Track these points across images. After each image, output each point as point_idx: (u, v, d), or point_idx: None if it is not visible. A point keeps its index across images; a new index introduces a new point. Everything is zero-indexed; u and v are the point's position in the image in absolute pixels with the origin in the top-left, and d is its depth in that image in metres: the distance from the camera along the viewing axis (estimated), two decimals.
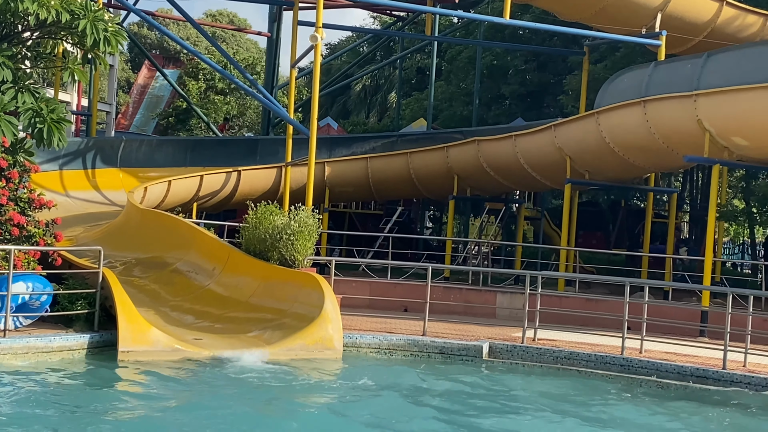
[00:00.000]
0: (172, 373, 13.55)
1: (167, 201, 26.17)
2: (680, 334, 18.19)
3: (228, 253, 18.44)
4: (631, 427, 11.93)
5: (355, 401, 12.31)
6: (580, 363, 16.03)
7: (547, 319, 18.02)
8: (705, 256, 20.88)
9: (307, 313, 16.11)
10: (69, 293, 15.19)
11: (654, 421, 12.40)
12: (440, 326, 18.23)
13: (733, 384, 14.69)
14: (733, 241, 57.05)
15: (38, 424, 10.23)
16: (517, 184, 29.09)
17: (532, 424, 11.76)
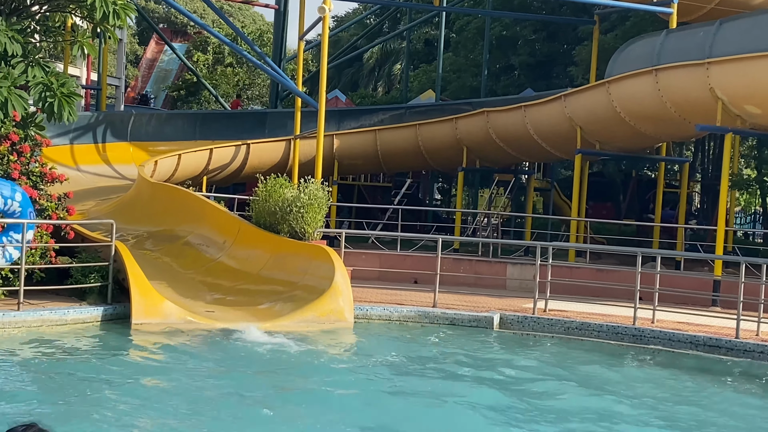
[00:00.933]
0: (184, 345, 13.61)
1: (177, 174, 26.20)
2: (692, 303, 18.18)
3: (238, 226, 18.46)
4: (642, 397, 11.92)
5: (366, 373, 12.33)
6: (592, 333, 16.05)
7: (558, 290, 18.02)
8: (717, 226, 20.82)
9: (318, 285, 16.15)
10: (82, 266, 15.23)
11: (666, 390, 12.40)
12: (451, 298, 18.25)
13: (746, 353, 14.69)
14: (745, 210, 56.90)
15: (54, 394, 10.29)
16: (526, 155, 29.02)
17: (545, 394, 11.76)
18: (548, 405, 11.11)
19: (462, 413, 10.55)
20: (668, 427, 10.32)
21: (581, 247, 23.71)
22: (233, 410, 9.98)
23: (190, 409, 9.89)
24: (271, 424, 9.52)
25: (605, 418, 10.61)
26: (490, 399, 11.29)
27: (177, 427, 9.18)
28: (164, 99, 47.10)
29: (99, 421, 9.24)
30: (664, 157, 28.40)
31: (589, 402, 11.30)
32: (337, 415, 10.18)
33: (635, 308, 16.14)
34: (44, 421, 3.35)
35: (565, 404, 11.17)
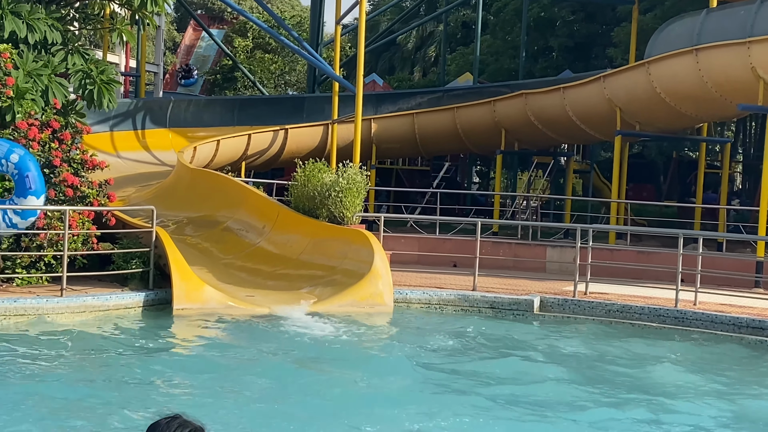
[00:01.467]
0: (225, 330, 13.70)
1: (216, 160, 26.34)
2: (735, 285, 17.98)
3: (277, 211, 18.53)
4: (685, 379, 11.84)
5: (407, 356, 12.33)
6: (633, 316, 15.93)
7: (598, 273, 17.89)
8: (759, 206, 20.56)
9: (357, 270, 16.16)
10: (123, 252, 15.37)
11: (708, 373, 12.30)
12: (490, 281, 18.20)
13: None
14: None
15: (97, 380, 10.40)
16: (565, 137, 28.83)
17: (586, 377, 11.72)
18: (598, 387, 11.06)
19: (506, 398, 10.54)
20: (723, 412, 10.23)
21: (622, 229, 23.55)
22: (275, 397, 10.03)
23: (233, 396, 9.95)
24: (316, 411, 9.54)
25: (658, 400, 10.54)
26: (537, 381, 11.29)
27: (221, 413, 9.23)
28: (201, 85, 47.32)
29: (143, 407, 9.33)
30: (705, 138, 28.10)
31: (639, 382, 11.24)
32: (382, 401, 10.20)
33: (677, 290, 15.99)
34: (187, 413, 3.31)
35: (615, 385, 11.12)
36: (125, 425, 8.64)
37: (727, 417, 10.04)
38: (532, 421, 9.49)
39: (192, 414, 8.59)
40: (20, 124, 15.41)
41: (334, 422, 9.10)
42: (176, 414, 3.34)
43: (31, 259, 14.85)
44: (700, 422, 9.78)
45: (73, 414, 8.99)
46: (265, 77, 45.68)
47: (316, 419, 9.18)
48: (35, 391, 9.76)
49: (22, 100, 15.60)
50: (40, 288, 14.68)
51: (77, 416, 8.92)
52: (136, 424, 8.65)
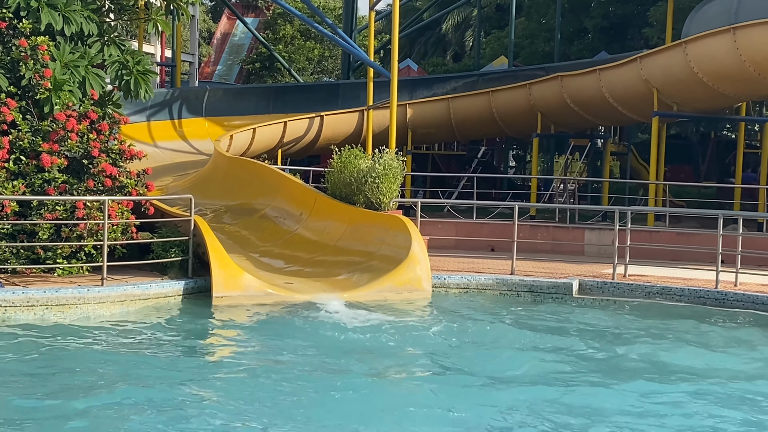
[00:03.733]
0: (265, 317, 13.78)
1: (252, 148, 26.45)
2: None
3: (314, 198, 18.57)
4: (729, 360, 11.75)
5: (447, 341, 12.35)
6: (673, 298, 15.83)
7: (637, 255, 17.80)
8: None
9: (395, 255, 16.17)
10: (162, 241, 15.50)
11: (754, 354, 12.19)
12: (528, 265, 18.15)
13: None
14: None
15: (138, 368, 10.50)
16: (602, 119, 28.63)
17: (628, 358, 11.67)
18: (642, 367, 11.02)
19: (551, 380, 10.52)
20: None
21: (660, 210, 23.39)
22: (317, 387, 10.05)
23: (272, 384, 9.99)
24: (360, 404, 9.57)
25: (696, 384, 10.49)
26: (581, 363, 11.27)
27: (261, 402, 9.29)
28: (238, 73, 47.49)
29: (184, 396, 9.41)
30: (744, 117, 27.79)
31: (684, 363, 11.17)
32: (425, 389, 10.23)
33: (717, 271, 15.87)
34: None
35: (659, 366, 11.07)
36: (167, 414, 8.72)
37: None
38: (581, 406, 9.47)
39: (231, 403, 8.68)
40: (58, 115, 15.55)
41: (378, 413, 9.11)
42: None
43: (71, 249, 15.00)
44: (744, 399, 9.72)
45: (118, 403, 9.08)
46: (303, 65, 45.76)
47: (358, 409, 9.20)
48: (80, 380, 9.88)
49: (59, 91, 15.73)
50: (80, 278, 14.84)
51: (122, 405, 9.02)
52: (179, 415, 8.75)
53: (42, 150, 15.22)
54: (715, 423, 8.95)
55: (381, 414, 8.92)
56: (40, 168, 15.18)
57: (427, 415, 9.04)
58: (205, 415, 8.63)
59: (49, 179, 15.13)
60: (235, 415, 8.72)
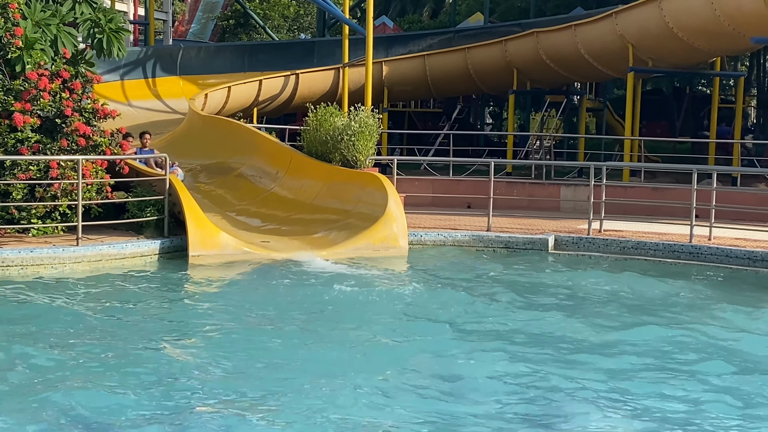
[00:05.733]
0: (242, 276, 13.81)
1: (228, 107, 26.30)
2: (750, 219, 17.94)
3: (290, 157, 18.53)
4: (702, 314, 11.87)
5: (423, 297, 12.39)
6: (648, 252, 15.95)
7: (613, 211, 17.90)
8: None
9: (371, 213, 16.19)
10: (138, 201, 15.44)
11: (727, 308, 12.33)
12: (504, 221, 18.21)
13: None
14: None
15: (116, 326, 10.51)
16: (578, 75, 28.63)
17: (606, 314, 11.78)
18: (611, 324, 11.11)
19: (523, 335, 10.61)
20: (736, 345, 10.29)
21: (635, 166, 23.48)
22: (295, 342, 10.09)
23: (251, 340, 10.03)
24: (335, 355, 9.62)
25: (670, 336, 10.60)
26: (554, 319, 11.36)
27: (239, 359, 9.33)
28: (212, 31, 47.04)
29: (160, 354, 9.43)
30: (719, 72, 27.87)
31: (652, 323, 11.27)
32: (402, 342, 10.30)
33: (691, 226, 15.98)
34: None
35: (628, 321, 11.17)
36: (144, 370, 8.74)
37: (739, 346, 10.08)
38: (552, 357, 9.56)
39: (208, 361, 8.68)
40: (30, 74, 15.39)
41: (354, 365, 9.16)
42: None
43: (45, 209, 14.93)
44: (715, 349, 9.84)
45: (93, 360, 9.09)
46: (278, 22, 45.38)
47: (336, 363, 9.25)
48: (55, 338, 9.87)
49: (31, 50, 15.57)
50: (55, 238, 14.79)
51: (97, 362, 9.03)
52: (155, 370, 8.77)
53: (14, 109, 15.08)
54: (690, 370, 9.05)
55: (359, 367, 8.96)
56: (12, 128, 15.05)
57: (406, 366, 9.09)
58: (182, 374, 8.65)
59: (22, 139, 15.01)
60: (212, 373, 8.74)
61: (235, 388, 8.26)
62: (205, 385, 8.32)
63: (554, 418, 7.64)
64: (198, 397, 8.00)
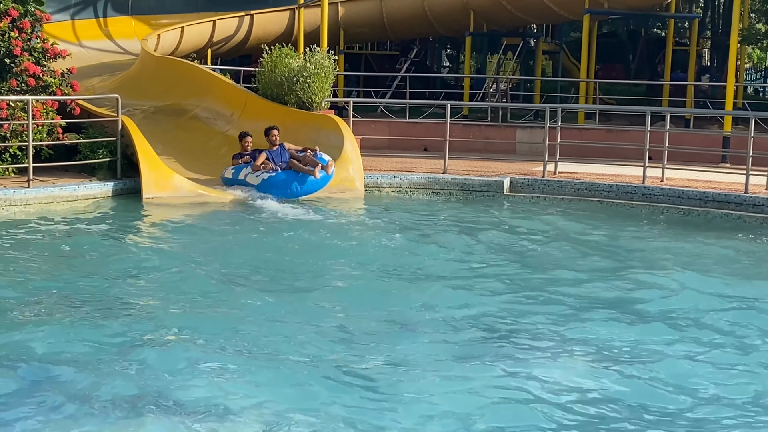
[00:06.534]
0: (197, 218, 13.72)
1: (181, 48, 25.93)
2: (702, 161, 18.14)
3: (245, 98, 18.36)
4: (651, 254, 12.03)
5: (378, 239, 12.40)
6: (602, 194, 16.07)
7: (568, 153, 17.96)
8: (727, 82, 20.59)
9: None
10: (90, 142, 15.24)
11: (677, 247, 12.51)
12: (461, 164, 18.24)
13: (755, 207, 14.70)
14: (756, 67, 56.20)
15: (68, 269, 10.42)
16: (534, 17, 28.56)
17: (560, 253, 11.89)
18: (563, 266, 11.21)
19: (475, 275, 10.69)
20: (683, 281, 10.44)
21: (591, 108, 23.59)
22: (251, 282, 10.10)
23: (207, 281, 9.98)
24: (289, 295, 9.63)
25: (620, 275, 10.74)
26: (505, 261, 11.45)
27: (195, 299, 9.30)
28: None
29: (114, 295, 9.37)
30: (674, 15, 27.92)
31: (603, 262, 11.40)
32: (357, 284, 10.33)
33: (644, 167, 16.12)
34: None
35: (578, 264, 11.27)
36: (97, 311, 8.69)
37: (684, 284, 10.25)
38: (504, 297, 9.65)
39: (164, 300, 8.65)
40: None
41: (310, 305, 9.18)
42: None
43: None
44: (666, 287, 9.99)
45: (43, 301, 9.02)
46: None
47: (290, 303, 9.26)
48: (4, 279, 9.78)
49: None
50: (6, 179, 14.59)
51: (47, 304, 8.96)
52: (108, 311, 8.72)
53: None
54: (636, 309, 9.18)
55: (312, 311, 8.97)
56: None
57: (362, 307, 9.14)
58: (133, 316, 8.58)
59: None
60: (165, 315, 8.67)
61: (186, 326, 8.23)
62: (156, 323, 8.27)
63: (503, 358, 7.72)
64: (149, 335, 7.95)
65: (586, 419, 6.48)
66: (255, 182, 15.03)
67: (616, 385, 7.13)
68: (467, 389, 6.90)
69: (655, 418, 6.53)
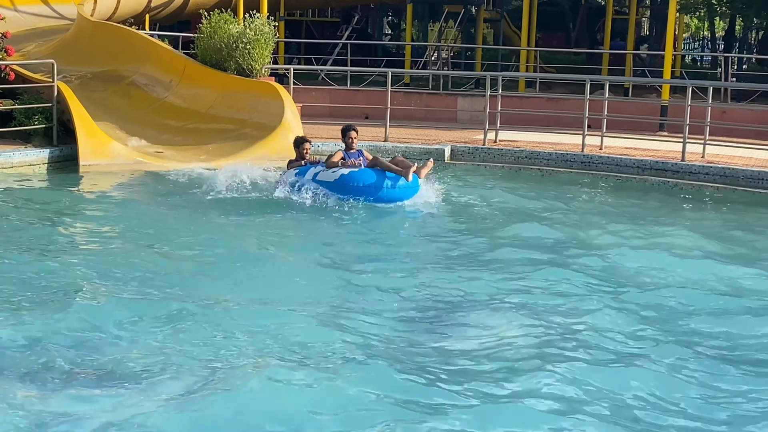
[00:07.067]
0: (135, 186, 13.58)
1: (118, 13, 25.42)
2: (640, 129, 18.36)
3: (184, 65, 18.12)
4: (588, 221, 12.15)
5: (315, 209, 12.29)
6: (542, 162, 16.21)
7: (509, 121, 18.07)
8: (665, 51, 20.81)
9: (268, 123, 16.04)
10: (25, 108, 14.96)
11: (612, 213, 12.67)
12: (402, 132, 18.26)
13: (692, 175, 14.96)
14: (694, 36, 56.89)
15: (2, 234, 10.25)
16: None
17: (496, 221, 11.96)
18: (501, 230, 11.30)
19: (411, 244, 10.73)
20: (623, 245, 10.60)
21: (531, 76, 23.73)
22: (188, 251, 10.03)
23: (143, 251, 9.87)
24: (221, 262, 9.58)
25: (556, 239, 10.85)
26: (445, 228, 11.50)
27: (132, 267, 9.19)
28: None
29: (47, 261, 9.25)
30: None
31: (540, 229, 11.48)
32: (287, 253, 10.31)
33: (584, 135, 16.27)
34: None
35: (517, 231, 11.35)
36: (27, 276, 8.57)
37: (619, 250, 10.43)
38: (441, 265, 9.70)
39: (100, 268, 8.50)
40: None
41: (239, 270, 9.15)
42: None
43: None
44: (597, 253, 10.15)
45: None
46: None
47: (222, 270, 9.24)
48: None
49: None
50: None
51: None
52: (38, 277, 8.60)
53: None
54: (570, 273, 9.29)
55: (245, 281, 8.92)
56: None
57: (290, 276, 9.13)
58: (69, 286, 8.45)
59: None
60: (97, 283, 8.56)
61: (119, 295, 8.16)
62: (90, 293, 8.17)
63: (439, 323, 7.80)
64: (80, 304, 7.83)
65: (527, 376, 6.55)
66: (331, 178, 12.49)
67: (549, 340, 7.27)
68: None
69: (571, 373, 6.63)
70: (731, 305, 8.45)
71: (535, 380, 6.44)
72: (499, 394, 6.29)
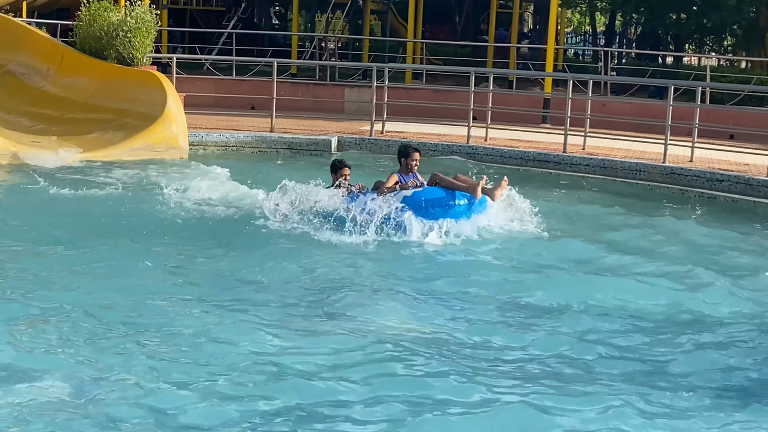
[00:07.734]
0: (9, 178, 13.12)
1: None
2: (524, 121, 18.63)
3: (62, 53, 17.66)
4: None
5: (205, 199, 12.05)
6: (428, 153, 16.24)
7: (396, 112, 18.13)
8: (548, 45, 21.15)
9: (150, 113, 15.74)
10: None
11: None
12: (288, 122, 18.12)
13: (573, 166, 15.25)
14: (576, 31, 58.13)
15: None
16: None
17: None
18: None
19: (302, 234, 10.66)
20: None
21: (418, 68, 23.85)
22: (64, 239, 9.75)
23: (21, 249, 9.53)
24: (104, 254, 9.33)
25: None
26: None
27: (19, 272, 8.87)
28: None
29: None
30: None
31: None
32: (175, 239, 10.13)
33: (469, 127, 16.43)
34: None
35: None
36: None
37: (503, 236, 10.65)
38: (335, 255, 9.66)
39: None
40: None
41: (133, 275, 8.90)
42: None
43: None
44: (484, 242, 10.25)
45: None
46: None
47: (107, 263, 8.98)
48: None
49: None
50: None
51: None
52: None
53: None
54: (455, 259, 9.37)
55: (140, 276, 8.69)
56: None
57: (194, 267, 9.07)
58: None
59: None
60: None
61: None
62: None
63: (337, 307, 7.76)
64: None
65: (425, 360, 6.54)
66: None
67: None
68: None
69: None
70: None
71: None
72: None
